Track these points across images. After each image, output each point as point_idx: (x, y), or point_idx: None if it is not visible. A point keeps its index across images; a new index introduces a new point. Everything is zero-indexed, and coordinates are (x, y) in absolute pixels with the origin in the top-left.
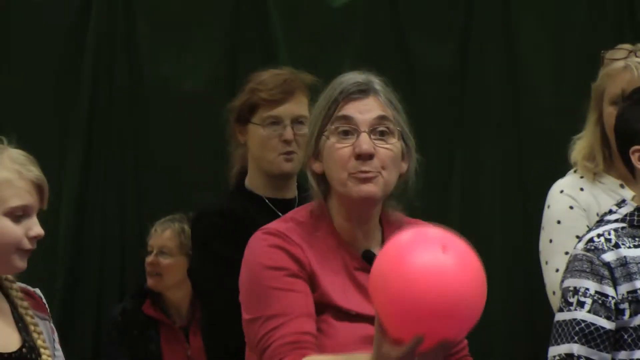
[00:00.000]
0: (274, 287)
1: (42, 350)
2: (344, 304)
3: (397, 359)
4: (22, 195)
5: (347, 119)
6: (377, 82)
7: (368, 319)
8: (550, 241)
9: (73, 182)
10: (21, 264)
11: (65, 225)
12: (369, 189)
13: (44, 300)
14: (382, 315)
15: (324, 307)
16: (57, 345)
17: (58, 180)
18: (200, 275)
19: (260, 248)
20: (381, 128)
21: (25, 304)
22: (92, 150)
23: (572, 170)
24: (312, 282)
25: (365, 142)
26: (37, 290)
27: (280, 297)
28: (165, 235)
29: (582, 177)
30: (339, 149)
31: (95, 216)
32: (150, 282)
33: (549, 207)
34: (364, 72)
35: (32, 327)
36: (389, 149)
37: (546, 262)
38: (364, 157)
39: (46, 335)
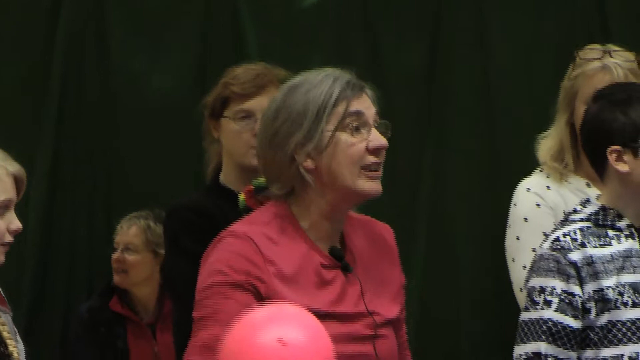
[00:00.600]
0: (216, 292)
1: (8, 342)
2: (313, 306)
3: None
4: (7, 190)
5: (359, 114)
6: None
7: (337, 317)
8: (517, 238)
9: (42, 179)
10: (2, 258)
11: (35, 220)
12: (379, 187)
13: (2, 294)
14: None
15: None
16: (19, 338)
17: (27, 176)
18: (172, 272)
19: (221, 252)
20: (377, 123)
21: None
22: (62, 148)
23: (537, 170)
24: (276, 294)
25: (379, 135)
26: None
27: (215, 302)
28: (131, 232)
29: (548, 176)
30: (354, 144)
31: (65, 211)
32: (116, 278)
33: (515, 205)
34: (337, 69)
35: None
36: None
37: (513, 260)
38: (380, 150)
39: (9, 327)
